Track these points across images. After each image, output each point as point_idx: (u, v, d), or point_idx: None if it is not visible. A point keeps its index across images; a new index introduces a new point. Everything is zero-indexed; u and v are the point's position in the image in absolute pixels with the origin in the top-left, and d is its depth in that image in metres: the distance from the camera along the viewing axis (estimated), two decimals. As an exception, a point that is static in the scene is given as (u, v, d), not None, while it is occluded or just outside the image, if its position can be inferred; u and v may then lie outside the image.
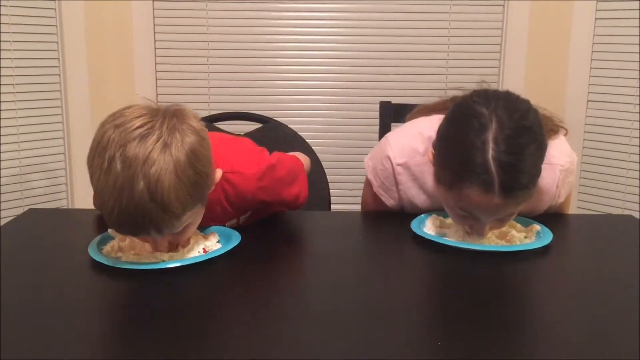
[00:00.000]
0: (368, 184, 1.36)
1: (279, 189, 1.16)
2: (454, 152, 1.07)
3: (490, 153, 1.01)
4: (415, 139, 1.27)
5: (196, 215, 0.98)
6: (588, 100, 2.40)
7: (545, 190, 1.26)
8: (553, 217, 1.27)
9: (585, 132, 2.41)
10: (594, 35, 2.35)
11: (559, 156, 1.26)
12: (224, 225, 1.15)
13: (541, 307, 0.87)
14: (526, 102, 1.08)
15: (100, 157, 0.88)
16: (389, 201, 1.32)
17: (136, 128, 0.88)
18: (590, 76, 2.39)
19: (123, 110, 0.93)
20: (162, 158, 0.87)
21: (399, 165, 1.28)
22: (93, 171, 0.90)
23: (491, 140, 1.02)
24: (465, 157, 1.04)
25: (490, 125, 1.02)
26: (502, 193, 1.01)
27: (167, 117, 0.91)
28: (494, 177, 1.01)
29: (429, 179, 1.25)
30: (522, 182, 1.02)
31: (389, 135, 1.35)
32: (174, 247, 1.01)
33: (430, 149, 1.14)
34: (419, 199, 1.29)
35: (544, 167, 1.13)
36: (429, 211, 1.27)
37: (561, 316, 0.83)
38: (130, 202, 0.86)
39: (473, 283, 0.95)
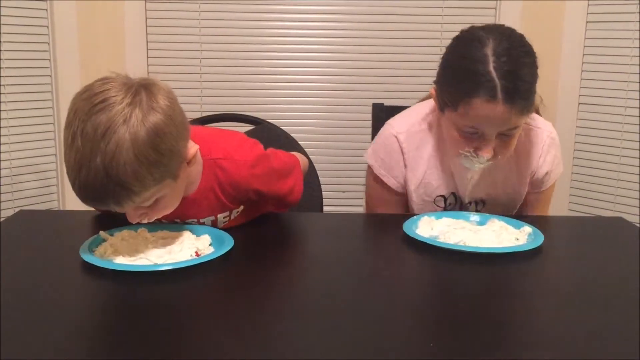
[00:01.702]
0: (369, 174, 1.39)
1: (273, 179, 1.16)
2: (458, 69, 1.17)
3: (492, 64, 1.11)
4: (413, 116, 1.36)
5: (167, 190, 0.97)
6: (579, 103, 2.41)
7: (531, 150, 1.32)
8: (544, 220, 1.28)
9: (576, 134, 2.42)
10: (585, 38, 2.37)
11: (547, 126, 1.35)
12: (216, 218, 1.15)
13: (533, 308, 0.87)
14: (522, 35, 1.19)
15: (67, 130, 0.90)
16: (390, 180, 1.36)
17: (100, 102, 0.89)
18: (581, 78, 2.40)
19: (94, 82, 0.93)
20: (120, 135, 0.87)
21: (400, 133, 1.34)
22: (64, 144, 0.92)
23: (491, 53, 1.12)
24: (469, 70, 1.14)
25: (489, 42, 1.13)
26: (506, 99, 1.10)
27: (133, 92, 0.91)
28: (496, 84, 1.10)
29: (428, 147, 1.32)
30: (522, 89, 1.12)
31: (388, 120, 1.41)
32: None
33: (432, 87, 1.24)
34: (420, 169, 1.34)
35: (531, 129, 1.30)
36: (426, 188, 1.33)
37: (552, 317, 0.84)
38: (87, 177, 0.88)
39: (465, 284, 0.95)
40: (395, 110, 1.50)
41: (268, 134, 1.68)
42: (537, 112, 1.39)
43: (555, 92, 2.42)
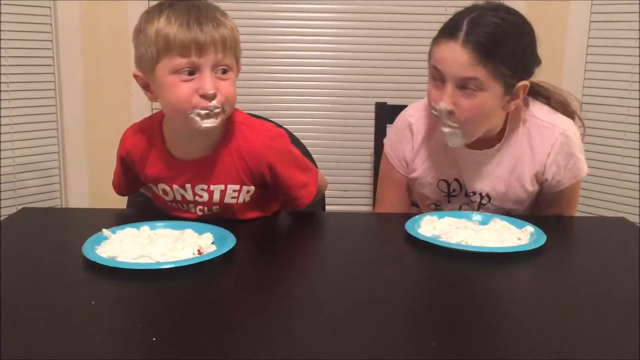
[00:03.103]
0: (382, 160, 1.48)
1: (289, 162, 1.19)
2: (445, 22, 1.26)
3: (466, 15, 1.20)
4: (424, 103, 1.40)
5: (234, 69, 1.10)
6: (583, 103, 2.41)
7: (538, 147, 1.31)
8: (546, 219, 1.28)
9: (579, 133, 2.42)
10: (588, 37, 2.36)
11: (564, 123, 1.33)
12: (225, 189, 1.16)
13: (535, 308, 0.87)
14: (525, 19, 1.26)
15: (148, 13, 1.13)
16: (394, 160, 1.42)
17: None
18: (585, 78, 2.40)
19: None
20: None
21: (412, 116, 1.41)
22: (143, 22, 1.14)
23: (475, 12, 1.20)
24: (449, 19, 1.24)
25: (480, 6, 1.22)
26: (465, 40, 1.17)
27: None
28: (462, 28, 1.18)
29: (438, 132, 1.32)
30: (485, 36, 1.17)
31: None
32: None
33: None
34: (427, 151, 1.39)
35: (543, 125, 1.31)
36: (429, 174, 1.38)
37: (554, 317, 0.84)
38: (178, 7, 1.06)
39: (467, 284, 0.95)
40: (399, 109, 1.50)
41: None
42: (571, 114, 1.38)
43: (559, 92, 2.41)
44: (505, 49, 1.18)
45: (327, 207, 1.73)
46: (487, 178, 1.34)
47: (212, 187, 1.16)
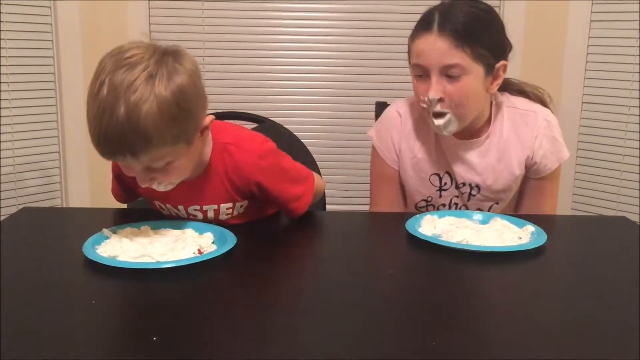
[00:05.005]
0: (372, 154, 1.47)
1: (279, 178, 1.16)
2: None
3: (439, 9, 1.26)
4: (413, 97, 1.40)
5: (180, 154, 1.01)
6: (583, 102, 2.41)
7: (526, 133, 1.36)
8: (546, 219, 1.28)
9: (579, 133, 2.42)
10: (589, 37, 2.36)
11: (544, 110, 1.40)
12: (219, 208, 1.15)
13: (535, 307, 0.87)
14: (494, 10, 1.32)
15: (93, 83, 0.95)
16: (383, 153, 1.43)
17: (128, 57, 0.95)
18: (585, 78, 2.40)
19: (126, 43, 1.00)
20: (144, 87, 0.93)
21: (401, 108, 1.43)
22: (88, 96, 0.96)
23: (444, 5, 1.27)
24: (420, 18, 1.30)
25: (449, 1, 1.28)
26: (439, 29, 1.23)
27: (161, 53, 0.98)
28: (434, 19, 1.25)
29: (427, 125, 1.35)
30: (457, 21, 1.23)
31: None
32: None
33: None
34: (417, 144, 1.40)
35: (526, 113, 1.37)
36: (419, 170, 1.39)
37: (555, 316, 0.83)
38: (109, 124, 0.92)
39: (468, 283, 0.95)
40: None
41: (271, 133, 1.67)
42: (546, 107, 1.43)
43: (559, 92, 2.41)
44: (480, 31, 1.24)
45: (327, 207, 1.73)
46: (476, 168, 1.37)
47: (204, 207, 1.15)
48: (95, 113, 0.93)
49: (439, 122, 1.28)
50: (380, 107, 1.73)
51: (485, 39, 1.25)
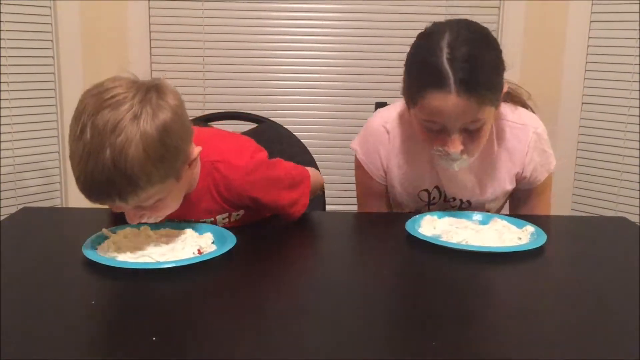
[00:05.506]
0: (355, 161, 1.42)
1: (272, 188, 1.15)
2: (413, 64, 1.17)
3: (445, 56, 1.09)
4: (404, 107, 1.31)
5: (169, 190, 0.99)
6: (583, 103, 2.41)
7: (515, 148, 1.31)
8: (546, 219, 1.28)
9: (579, 134, 2.42)
10: (589, 37, 2.36)
11: (533, 121, 1.34)
12: (215, 219, 1.15)
13: (535, 308, 0.87)
14: (486, 28, 1.17)
15: (75, 123, 0.92)
16: (370, 167, 1.37)
17: (110, 97, 0.91)
18: (585, 78, 2.40)
19: (105, 80, 0.95)
20: (129, 128, 0.89)
21: (388, 123, 1.36)
22: (69, 137, 0.93)
23: (446, 45, 1.10)
24: (423, 64, 1.13)
25: (445, 35, 1.11)
26: (458, 88, 1.08)
27: (144, 90, 0.94)
28: (447, 74, 1.08)
29: (415, 138, 1.28)
30: (478, 77, 1.09)
31: (378, 109, 1.44)
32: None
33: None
34: (405, 160, 1.34)
35: (516, 127, 1.29)
36: (406, 181, 1.34)
37: (554, 317, 0.84)
38: (95, 170, 0.89)
39: (467, 283, 0.95)
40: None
41: (271, 133, 1.68)
42: (525, 106, 1.38)
43: (559, 92, 2.41)
44: (494, 77, 1.13)
45: (327, 207, 1.73)
46: (467, 184, 1.33)
47: (200, 221, 1.15)
48: (80, 158, 0.90)
49: (454, 165, 1.20)
50: (380, 107, 1.73)
51: (494, 81, 1.14)
